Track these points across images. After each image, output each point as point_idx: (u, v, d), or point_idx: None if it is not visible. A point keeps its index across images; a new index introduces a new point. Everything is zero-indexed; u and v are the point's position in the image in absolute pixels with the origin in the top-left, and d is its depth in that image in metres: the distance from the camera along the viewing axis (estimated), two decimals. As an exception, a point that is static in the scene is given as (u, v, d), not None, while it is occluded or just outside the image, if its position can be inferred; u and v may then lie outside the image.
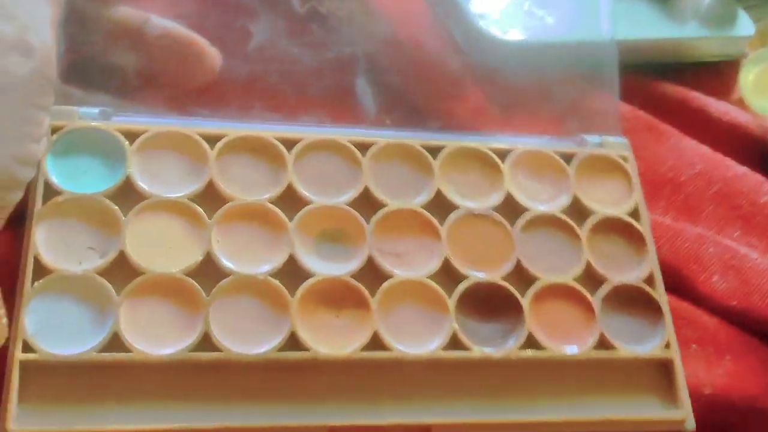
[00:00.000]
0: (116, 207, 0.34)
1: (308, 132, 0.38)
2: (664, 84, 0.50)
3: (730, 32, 0.52)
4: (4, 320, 0.28)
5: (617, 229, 0.39)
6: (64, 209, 0.33)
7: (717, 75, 0.53)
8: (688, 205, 0.45)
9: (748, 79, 0.52)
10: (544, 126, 0.42)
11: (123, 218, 0.34)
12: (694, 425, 0.36)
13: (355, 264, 0.35)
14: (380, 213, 0.37)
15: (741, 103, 0.52)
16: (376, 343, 0.34)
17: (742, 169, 0.47)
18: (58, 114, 0.35)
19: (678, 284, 0.41)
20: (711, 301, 0.40)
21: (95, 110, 0.36)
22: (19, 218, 0.32)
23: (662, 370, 0.37)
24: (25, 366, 0.30)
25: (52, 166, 0.34)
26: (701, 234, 0.42)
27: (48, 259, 0.32)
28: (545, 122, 0.42)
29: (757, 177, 0.47)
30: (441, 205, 0.38)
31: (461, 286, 0.36)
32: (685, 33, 0.51)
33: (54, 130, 0.35)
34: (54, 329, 0.31)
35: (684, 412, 0.36)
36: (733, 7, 0.52)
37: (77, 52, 0.35)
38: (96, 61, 0.37)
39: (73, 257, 0.33)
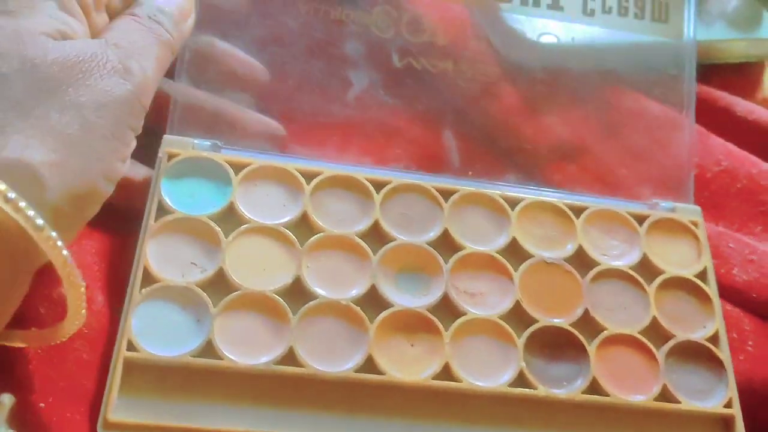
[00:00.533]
0: (219, 229, 0.37)
1: (397, 175, 0.41)
2: None
3: (756, 34, 0.53)
4: (84, 311, 0.30)
5: (685, 287, 0.41)
6: (173, 227, 0.37)
7: (742, 75, 0.54)
8: (713, 201, 0.46)
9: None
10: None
11: (224, 239, 0.37)
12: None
13: (431, 299, 0.38)
14: (458, 254, 0.39)
15: (766, 103, 0.53)
16: (446, 373, 0.36)
17: (767, 166, 0.48)
18: (175, 143, 0.39)
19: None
20: (732, 292, 0.42)
21: (208, 142, 0.40)
22: (129, 229, 0.36)
23: (723, 426, 0.38)
24: (128, 363, 0.33)
25: (167, 188, 0.38)
26: (721, 231, 0.44)
27: (156, 269, 0.36)
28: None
29: None
30: (516, 253, 0.40)
31: (531, 328, 0.38)
32: (711, 35, 0.52)
33: (170, 157, 0.39)
34: (156, 332, 0.34)
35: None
36: (759, 9, 0.53)
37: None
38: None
39: (178, 270, 0.36)
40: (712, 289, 0.41)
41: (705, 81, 0.53)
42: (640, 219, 0.43)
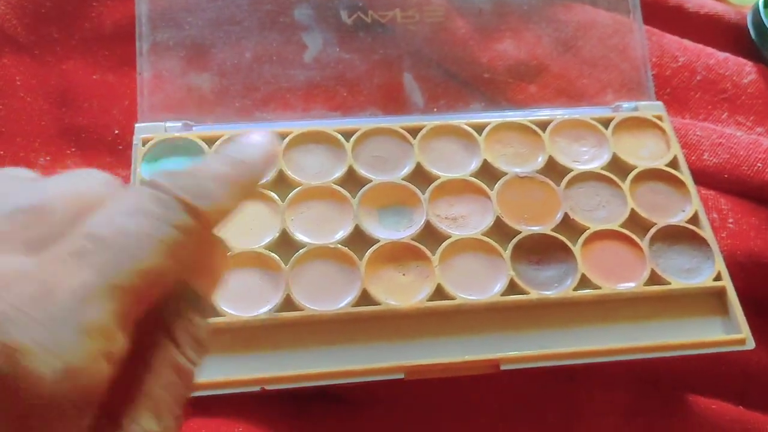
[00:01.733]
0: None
1: (364, 122, 0.42)
2: None
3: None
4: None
5: (658, 177, 0.42)
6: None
7: None
8: (675, 96, 0.47)
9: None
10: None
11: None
12: (754, 344, 0.37)
13: (415, 229, 0.39)
14: (434, 183, 0.40)
15: None
16: (440, 293, 0.37)
17: (724, 55, 0.50)
18: (148, 129, 0.41)
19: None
20: (705, 176, 0.43)
21: (179, 123, 0.42)
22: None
23: (716, 298, 0.39)
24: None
25: (146, 171, 0.39)
26: (687, 122, 0.45)
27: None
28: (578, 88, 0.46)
29: (739, 60, 0.49)
30: (489, 174, 0.42)
31: (515, 239, 0.39)
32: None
33: (145, 142, 0.40)
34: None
35: (743, 333, 0.37)
36: None
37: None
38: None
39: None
40: (685, 175, 0.42)
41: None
42: (606, 122, 0.44)
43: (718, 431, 0.38)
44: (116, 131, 0.44)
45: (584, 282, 0.38)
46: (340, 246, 0.38)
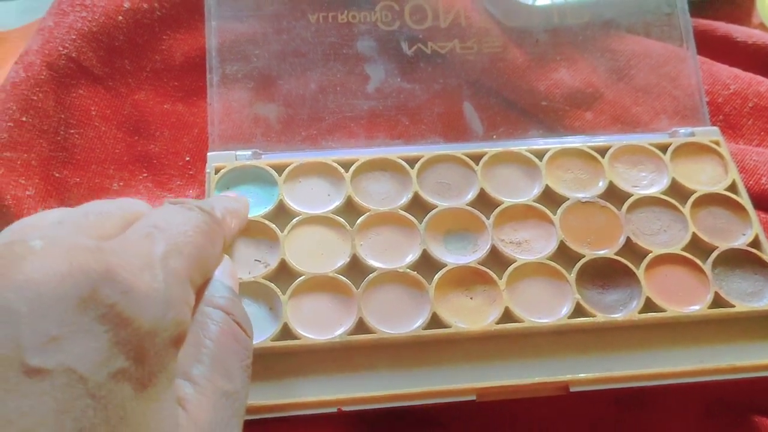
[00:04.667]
0: (274, 225, 0.40)
1: (427, 149, 0.44)
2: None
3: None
4: None
5: (718, 202, 0.43)
6: (232, 231, 0.40)
7: (734, 5, 0.57)
8: (728, 123, 0.48)
9: (765, 4, 0.57)
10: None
11: (281, 233, 0.40)
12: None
13: (481, 253, 0.40)
14: (498, 209, 0.41)
15: (762, 28, 0.55)
16: (507, 317, 0.38)
17: None
18: (219, 157, 0.42)
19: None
20: (764, 200, 0.44)
21: (248, 152, 0.43)
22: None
23: (780, 321, 0.39)
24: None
25: (220, 198, 0.41)
26: (743, 148, 0.46)
27: (224, 271, 0.38)
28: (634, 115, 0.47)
29: None
30: (551, 199, 0.42)
31: (579, 263, 0.40)
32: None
33: (217, 170, 0.42)
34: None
35: (807, 355, 0.38)
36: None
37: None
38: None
39: (244, 268, 0.39)
40: (744, 199, 0.43)
41: (699, 15, 0.55)
42: (663, 148, 0.45)
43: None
44: (187, 158, 0.46)
45: (649, 305, 0.39)
46: (409, 270, 0.39)
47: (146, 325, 0.23)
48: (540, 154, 0.44)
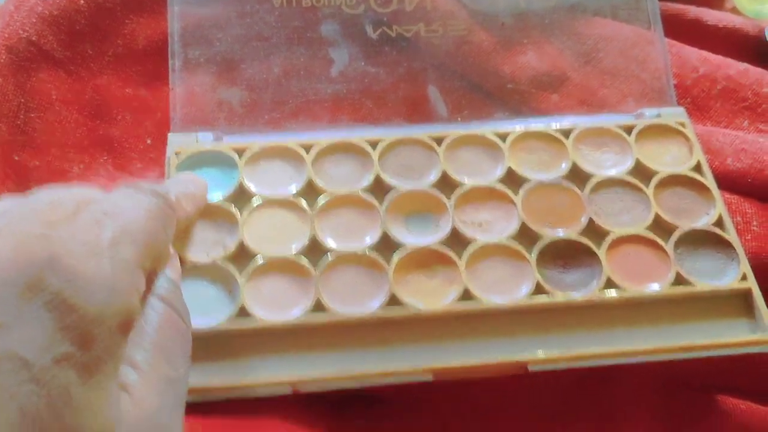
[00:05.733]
0: (234, 208, 0.40)
1: (389, 133, 0.43)
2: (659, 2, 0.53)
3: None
4: None
5: (682, 183, 0.43)
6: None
7: None
8: (696, 105, 0.48)
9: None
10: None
11: (240, 216, 0.39)
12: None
13: (441, 234, 0.40)
14: (459, 190, 0.41)
15: (735, 12, 0.55)
16: (467, 297, 0.38)
17: (744, 65, 0.50)
18: (180, 140, 0.42)
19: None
20: (728, 180, 0.44)
21: (210, 134, 0.43)
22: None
23: (742, 299, 0.39)
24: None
25: (179, 181, 0.41)
26: (710, 129, 0.46)
27: (181, 254, 0.38)
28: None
29: (758, 70, 0.50)
30: (513, 181, 0.42)
31: (540, 243, 0.40)
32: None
33: (178, 153, 0.41)
34: (192, 307, 0.36)
35: (768, 334, 0.38)
36: None
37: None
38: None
39: (203, 251, 0.39)
40: (708, 179, 0.43)
41: (672, -1, 0.55)
42: (628, 129, 0.45)
43: (746, 428, 0.38)
44: (148, 141, 0.45)
45: (610, 285, 0.39)
46: (368, 252, 0.39)
47: (92, 312, 0.23)
48: (504, 137, 0.44)
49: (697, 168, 0.43)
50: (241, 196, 0.41)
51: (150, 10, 0.49)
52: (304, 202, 0.40)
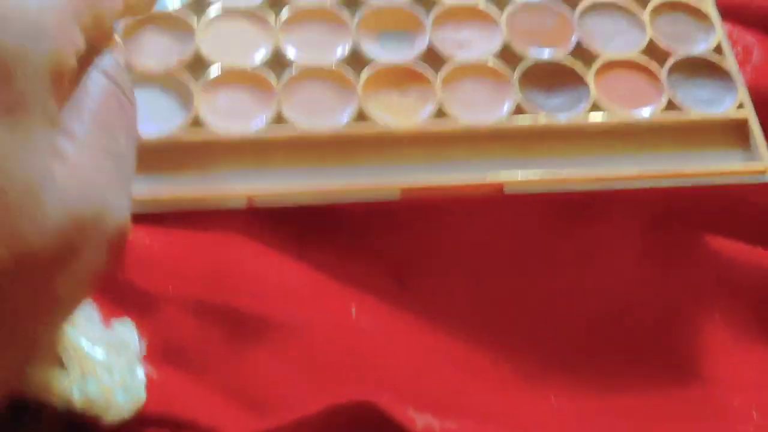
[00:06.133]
0: (192, 17, 0.36)
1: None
2: None
3: None
4: None
5: (681, 8, 0.39)
6: (143, 21, 0.36)
7: None
8: None
9: None
10: None
11: (197, 26, 0.36)
12: (775, 175, 0.35)
13: (417, 51, 0.37)
14: (438, 7, 0.38)
15: None
16: (443, 116, 0.35)
17: None
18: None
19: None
20: (731, 10, 0.41)
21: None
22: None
23: (738, 129, 0.36)
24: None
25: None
26: None
27: (133, 61, 0.35)
28: None
29: None
30: (498, 1, 0.39)
31: (523, 64, 0.36)
32: None
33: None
34: (143, 116, 0.33)
35: (765, 163, 0.35)
36: None
37: None
38: None
39: (154, 59, 0.35)
40: (709, 5, 0.39)
41: None
42: (626, -47, 0.41)
43: (734, 269, 0.36)
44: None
45: (597, 109, 0.36)
46: (336, 66, 0.36)
47: (11, 47, 0.21)
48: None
49: (698, -7, 0.40)
50: (199, 4, 0.37)
51: None
52: (268, 14, 0.37)
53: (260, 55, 0.36)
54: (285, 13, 0.37)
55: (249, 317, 0.31)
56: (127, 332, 0.30)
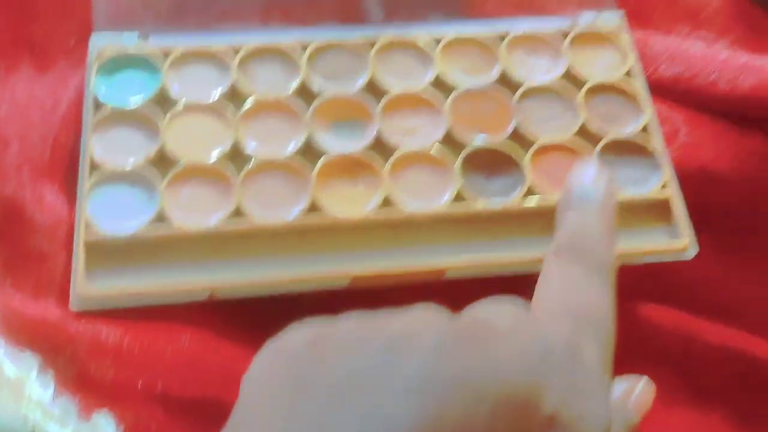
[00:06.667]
0: (155, 113, 0.39)
1: (319, 36, 0.42)
2: None
3: None
4: None
5: (612, 90, 0.42)
6: (112, 119, 0.39)
7: None
8: (638, 8, 0.47)
9: None
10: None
11: (162, 122, 0.39)
12: (696, 252, 0.38)
13: (367, 141, 0.39)
14: (386, 96, 0.41)
15: None
16: (389, 205, 0.38)
17: None
18: (104, 39, 0.41)
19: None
20: (660, 88, 0.43)
21: (135, 33, 0.41)
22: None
23: (663, 207, 0.39)
24: (89, 244, 0.36)
25: (100, 84, 0.40)
26: (647, 33, 0.46)
27: (101, 158, 0.38)
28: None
29: None
30: (443, 87, 0.42)
31: (464, 151, 0.39)
32: None
33: (99, 54, 0.40)
34: (110, 212, 0.37)
35: (686, 240, 0.38)
36: None
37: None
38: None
39: (122, 156, 0.38)
40: (639, 87, 0.42)
41: None
42: (563, 35, 0.44)
43: (660, 333, 0.39)
44: (72, 41, 0.44)
45: (532, 193, 0.39)
46: (291, 158, 0.38)
47: None
48: (437, 41, 0.43)
49: (629, 75, 0.43)
50: (164, 99, 0.40)
51: None
52: (227, 108, 0.40)
53: (220, 149, 0.39)
54: (244, 105, 0.40)
55: (215, 407, 0.34)
56: (105, 424, 0.33)
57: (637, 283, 0.41)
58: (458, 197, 0.38)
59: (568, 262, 0.26)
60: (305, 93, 0.41)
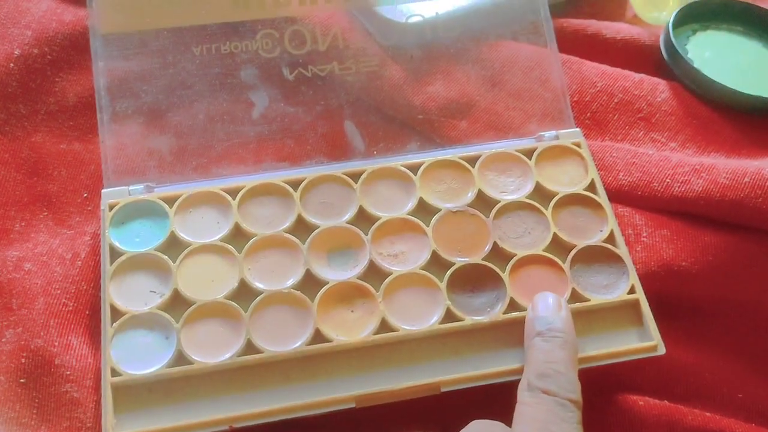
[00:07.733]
0: (167, 257, 0.43)
1: (310, 171, 0.47)
2: (560, 20, 0.58)
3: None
4: None
5: (578, 202, 0.47)
6: (127, 266, 0.43)
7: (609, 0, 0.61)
8: (595, 120, 0.52)
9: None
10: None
11: (173, 264, 0.43)
12: (664, 350, 0.42)
13: (360, 268, 0.44)
14: (375, 225, 0.45)
15: (636, 20, 0.60)
16: (385, 327, 0.42)
17: (639, 76, 0.55)
18: (113, 194, 0.45)
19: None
20: (621, 195, 0.48)
21: (141, 186, 0.46)
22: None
23: (631, 310, 0.43)
24: (115, 387, 0.39)
25: (114, 235, 0.44)
26: (605, 144, 0.50)
27: (121, 305, 0.42)
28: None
29: (653, 79, 0.55)
30: (425, 210, 0.46)
31: (449, 271, 0.43)
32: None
33: (111, 207, 0.45)
34: (132, 356, 0.40)
35: (655, 341, 0.42)
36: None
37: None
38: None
39: (140, 300, 0.42)
40: (602, 197, 0.47)
41: (576, 12, 0.58)
42: (529, 153, 0.48)
43: (646, 424, 0.43)
44: (85, 194, 0.48)
45: (513, 305, 0.43)
46: (293, 291, 0.42)
47: None
48: (415, 168, 0.47)
49: (592, 186, 0.47)
50: (173, 244, 0.44)
51: (79, 66, 0.51)
52: (231, 247, 0.44)
53: (229, 287, 0.43)
54: (246, 244, 0.44)
55: None
56: None
57: (617, 378, 0.44)
58: (447, 315, 0.42)
59: (539, 400, 0.30)
60: (301, 226, 0.45)
